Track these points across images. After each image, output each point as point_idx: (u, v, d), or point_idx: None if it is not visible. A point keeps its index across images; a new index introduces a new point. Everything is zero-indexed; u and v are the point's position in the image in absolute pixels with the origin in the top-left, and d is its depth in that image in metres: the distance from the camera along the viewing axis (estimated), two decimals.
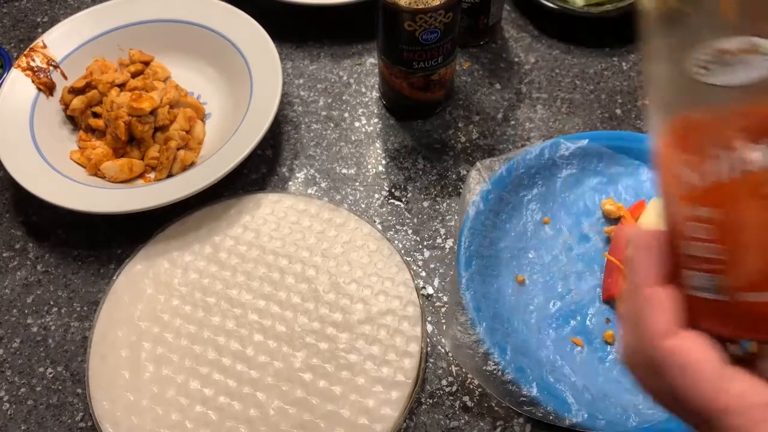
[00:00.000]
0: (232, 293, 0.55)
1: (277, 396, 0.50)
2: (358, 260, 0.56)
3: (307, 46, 0.74)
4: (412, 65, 0.60)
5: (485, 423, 0.50)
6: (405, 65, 0.60)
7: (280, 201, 0.60)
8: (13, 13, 0.80)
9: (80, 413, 0.52)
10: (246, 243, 0.58)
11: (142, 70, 0.68)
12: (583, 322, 0.53)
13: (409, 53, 0.59)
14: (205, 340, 0.53)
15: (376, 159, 0.65)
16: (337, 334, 0.52)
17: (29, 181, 0.58)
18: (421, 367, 0.51)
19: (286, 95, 0.70)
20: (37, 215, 0.63)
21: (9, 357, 0.55)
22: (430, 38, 0.57)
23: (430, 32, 0.56)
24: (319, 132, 0.67)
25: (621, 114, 0.67)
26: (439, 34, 0.57)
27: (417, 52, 0.59)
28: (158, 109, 0.62)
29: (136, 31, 0.70)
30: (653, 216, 0.55)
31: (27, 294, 0.58)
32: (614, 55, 0.72)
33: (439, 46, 0.58)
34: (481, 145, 0.65)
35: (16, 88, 0.64)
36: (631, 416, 0.47)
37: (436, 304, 0.56)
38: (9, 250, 0.61)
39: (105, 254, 0.60)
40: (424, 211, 0.61)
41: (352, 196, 0.63)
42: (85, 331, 0.56)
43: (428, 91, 0.64)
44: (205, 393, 0.50)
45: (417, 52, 0.59)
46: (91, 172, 0.62)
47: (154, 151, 0.62)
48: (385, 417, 0.48)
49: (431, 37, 0.57)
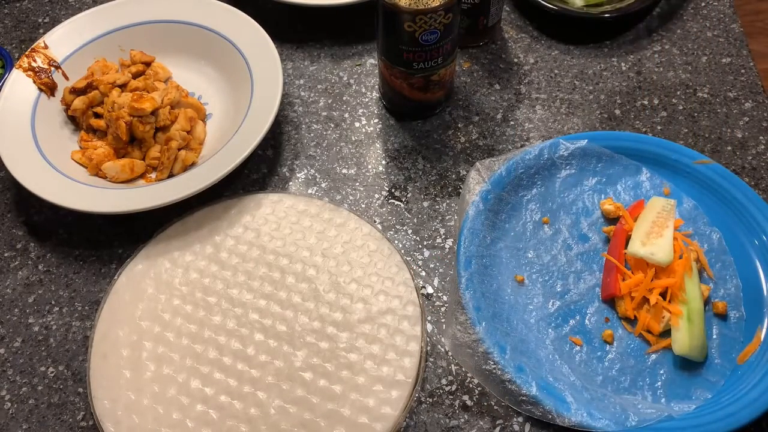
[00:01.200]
0: (232, 293, 0.55)
1: (278, 395, 0.50)
2: (358, 260, 0.56)
3: (308, 46, 0.74)
4: (412, 66, 0.60)
5: (485, 422, 0.50)
6: (405, 66, 0.60)
7: (280, 201, 0.60)
8: (14, 13, 0.80)
9: (81, 412, 0.52)
10: (247, 243, 0.58)
11: (143, 70, 0.68)
12: (582, 322, 0.53)
13: (409, 54, 0.59)
14: (206, 339, 0.53)
15: (376, 159, 0.65)
16: (338, 334, 0.53)
17: (31, 181, 0.58)
18: (421, 366, 0.51)
19: (287, 96, 0.70)
20: (38, 215, 0.63)
21: (10, 356, 0.55)
22: (429, 39, 0.57)
23: (430, 33, 0.57)
24: (319, 132, 0.67)
25: (620, 114, 0.67)
26: (439, 34, 0.57)
27: (417, 53, 0.59)
28: (159, 109, 0.62)
29: (137, 31, 0.70)
30: (651, 216, 0.56)
31: (28, 293, 0.58)
32: (613, 55, 0.72)
33: (439, 47, 0.59)
34: (481, 145, 0.65)
35: (18, 89, 0.65)
36: (630, 416, 0.47)
37: (435, 303, 0.56)
38: (10, 249, 0.61)
39: (106, 254, 0.60)
40: (424, 211, 0.61)
41: (352, 196, 0.63)
42: (86, 331, 0.56)
43: (428, 91, 0.64)
44: (206, 392, 0.51)
45: (417, 53, 0.59)
46: (93, 173, 0.62)
47: (155, 152, 0.62)
48: (385, 416, 0.49)
49: (431, 38, 0.57)
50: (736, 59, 0.71)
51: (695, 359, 0.50)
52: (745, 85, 0.69)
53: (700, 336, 0.50)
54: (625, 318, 0.53)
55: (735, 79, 0.69)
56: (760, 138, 0.65)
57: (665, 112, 0.67)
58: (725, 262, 0.56)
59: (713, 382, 0.50)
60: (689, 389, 0.50)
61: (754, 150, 0.64)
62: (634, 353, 0.52)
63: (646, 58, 0.72)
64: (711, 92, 0.69)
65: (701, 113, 0.67)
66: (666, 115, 0.67)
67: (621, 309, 0.53)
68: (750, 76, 0.69)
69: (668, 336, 0.51)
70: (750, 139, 0.65)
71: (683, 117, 0.67)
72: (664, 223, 0.55)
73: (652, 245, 0.53)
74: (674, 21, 0.75)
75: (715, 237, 0.57)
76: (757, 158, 0.63)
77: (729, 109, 0.67)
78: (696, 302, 0.51)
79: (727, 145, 0.64)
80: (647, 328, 0.52)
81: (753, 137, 0.65)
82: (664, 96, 0.68)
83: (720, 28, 0.74)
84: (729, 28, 0.74)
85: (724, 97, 0.68)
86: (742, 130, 0.65)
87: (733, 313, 0.53)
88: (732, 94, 0.68)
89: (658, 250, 0.53)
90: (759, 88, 0.68)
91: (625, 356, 0.52)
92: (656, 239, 0.53)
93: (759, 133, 0.65)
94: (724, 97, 0.68)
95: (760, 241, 0.55)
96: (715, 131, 0.65)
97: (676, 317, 0.51)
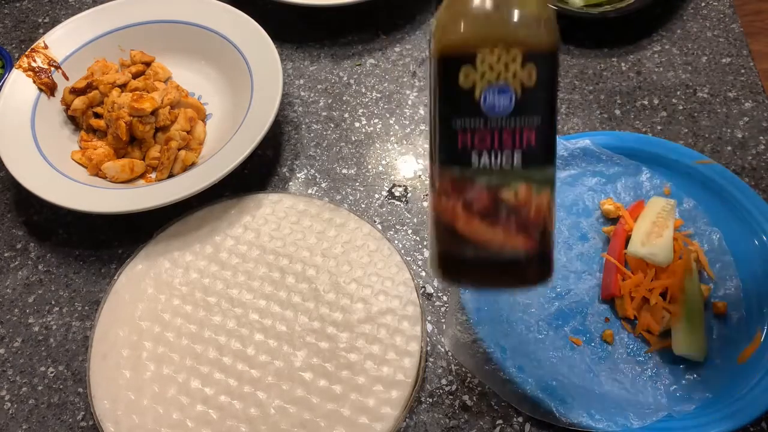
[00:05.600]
0: (232, 293, 0.55)
1: (278, 395, 0.50)
2: (358, 260, 0.56)
3: (308, 46, 0.74)
4: (470, 159, 0.35)
5: (485, 422, 0.50)
6: (459, 159, 0.35)
7: (280, 201, 0.60)
8: (14, 13, 0.80)
9: (81, 412, 0.52)
10: (247, 243, 0.58)
11: (143, 70, 0.68)
12: (582, 322, 0.53)
13: (465, 133, 0.35)
14: (206, 339, 0.53)
15: (376, 159, 0.65)
16: (338, 334, 0.53)
17: (30, 181, 0.58)
18: (421, 366, 0.51)
19: (287, 96, 0.70)
20: (38, 215, 0.63)
21: (10, 356, 0.55)
22: (498, 104, 0.34)
23: (499, 91, 0.34)
24: (319, 132, 0.67)
25: (620, 114, 0.67)
26: (514, 98, 0.34)
27: (477, 132, 0.35)
28: (159, 109, 0.62)
29: (137, 31, 0.70)
30: (651, 216, 0.56)
31: (28, 293, 0.58)
32: (613, 55, 0.72)
33: (517, 128, 0.34)
34: None
35: (18, 89, 0.65)
36: (630, 416, 0.47)
37: (435, 303, 0.56)
38: (10, 249, 0.61)
39: (106, 254, 0.60)
40: (424, 211, 0.61)
41: (352, 196, 0.63)
42: (86, 331, 0.56)
43: (497, 224, 0.35)
44: (205, 392, 0.51)
45: (477, 132, 0.35)
46: (93, 173, 0.62)
47: (155, 152, 0.62)
48: (385, 416, 0.49)
49: (501, 102, 0.34)
50: (736, 59, 0.71)
51: (695, 359, 0.50)
52: (745, 85, 0.69)
53: (700, 336, 0.50)
54: (625, 318, 0.53)
55: (735, 79, 0.69)
56: (760, 138, 0.65)
57: (665, 112, 0.67)
58: (725, 262, 0.56)
59: (713, 382, 0.50)
60: (689, 389, 0.50)
61: (754, 150, 0.64)
62: (634, 353, 0.52)
63: (646, 58, 0.72)
64: (711, 92, 0.69)
65: (701, 113, 0.67)
66: (666, 115, 0.67)
67: (621, 309, 0.53)
68: (750, 76, 0.69)
69: (668, 336, 0.51)
70: (750, 139, 0.65)
71: (683, 117, 0.67)
72: (664, 223, 0.55)
73: (652, 245, 0.53)
74: (674, 21, 0.75)
75: (715, 237, 0.57)
76: (757, 158, 0.63)
77: (729, 109, 0.67)
78: (696, 302, 0.51)
79: (727, 145, 0.64)
80: (647, 328, 0.52)
81: (753, 137, 0.65)
82: (664, 96, 0.68)
83: (720, 28, 0.74)
84: (729, 28, 0.74)
85: (724, 97, 0.68)
86: (742, 130, 0.65)
87: (733, 313, 0.53)
88: (732, 94, 0.68)
89: (658, 251, 0.53)
90: (759, 88, 0.68)
91: (625, 356, 0.52)
92: (656, 239, 0.53)
93: (759, 133, 0.65)
94: (724, 97, 0.68)
95: (760, 241, 0.55)
96: (715, 131, 0.65)
97: (676, 317, 0.51)
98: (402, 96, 0.70)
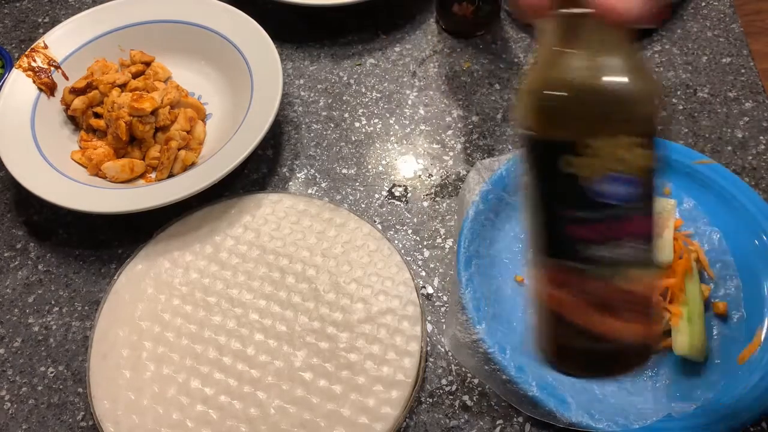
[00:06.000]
0: (232, 293, 0.55)
1: (278, 395, 0.50)
2: (358, 260, 0.56)
3: (308, 46, 0.74)
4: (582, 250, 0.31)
5: (485, 422, 0.50)
6: (568, 252, 0.32)
7: (280, 201, 0.60)
8: (14, 13, 0.80)
9: (81, 412, 0.52)
10: (246, 243, 0.58)
11: (143, 70, 0.68)
12: None
13: (574, 224, 0.31)
14: (206, 339, 0.53)
15: (376, 159, 0.65)
16: (338, 334, 0.53)
17: (30, 181, 0.58)
18: (421, 367, 0.51)
19: (287, 95, 0.70)
20: (38, 215, 0.63)
21: (10, 356, 0.55)
22: (617, 193, 0.30)
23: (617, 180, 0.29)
24: (319, 132, 0.67)
25: None
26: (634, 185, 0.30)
27: (589, 223, 0.31)
28: (159, 109, 0.62)
29: (136, 31, 0.70)
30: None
31: (28, 293, 0.58)
32: None
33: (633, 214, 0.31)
34: (481, 145, 0.65)
35: (17, 89, 0.65)
36: (631, 416, 0.47)
37: (435, 303, 0.56)
38: (10, 249, 0.61)
39: (106, 254, 0.60)
40: (424, 211, 0.61)
41: (352, 196, 0.63)
42: (86, 331, 0.56)
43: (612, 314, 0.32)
44: (205, 392, 0.51)
45: (589, 223, 0.31)
46: (92, 173, 0.62)
47: (155, 152, 0.62)
48: (385, 416, 0.49)
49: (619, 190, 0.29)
50: (736, 59, 0.71)
51: (695, 359, 0.50)
52: (746, 85, 0.69)
53: (701, 336, 0.50)
54: None
55: (735, 79, 0.69)
56: (760, 138, 0.65)
57: (665, 112, 0.67)
58: (725, 262, 0.56)
59: (713, 382, 0.50)
60: (689, 389, 0.50)
61: (754, 150, 0.64)
62: None
63: (646, 58, 0.72)
64: (711, 92, 0.69)
65: (701, 113, 0.67)
66: (666, 115, 0.67)
67: None
68: (750, 76, 0.69)
69: (668, 336, 0.51)
70: (750, 139, 0.65)
71: (683, 117, 0.67)
72: (664, 223, 0.55)
73: None
74: (674, 21, 0.75)
75: (715, 237, 0.57)
76: (757, 158, 0.63)
77: (729, 109, 0.67)
78: (696, 302, 0.51)
79: (727, 145, 0.64)
80: None
81: (753, 137, 0.65)
82: (664, 96, 0.68)
83: (720, 27, 0.74)
84: (729, 28, 0.74)
85: (725, 97, 0.68)
86: (742, 130, 0.65)
87: (733, 313, 0.53)
88: (732, 94, 0.68)
89: (658, 251, 0.52)
90: (759, 88, 0.68)
91: None
92: (656, 239, 0.53)
93: (759, 133, 0.65)
94: (724, 97, 0.68)
95: (760, 241, 0.55)
96: (715, 131, 0.65)
97: (676, 317, 0.51)
98: (402, 96, 0.70)
